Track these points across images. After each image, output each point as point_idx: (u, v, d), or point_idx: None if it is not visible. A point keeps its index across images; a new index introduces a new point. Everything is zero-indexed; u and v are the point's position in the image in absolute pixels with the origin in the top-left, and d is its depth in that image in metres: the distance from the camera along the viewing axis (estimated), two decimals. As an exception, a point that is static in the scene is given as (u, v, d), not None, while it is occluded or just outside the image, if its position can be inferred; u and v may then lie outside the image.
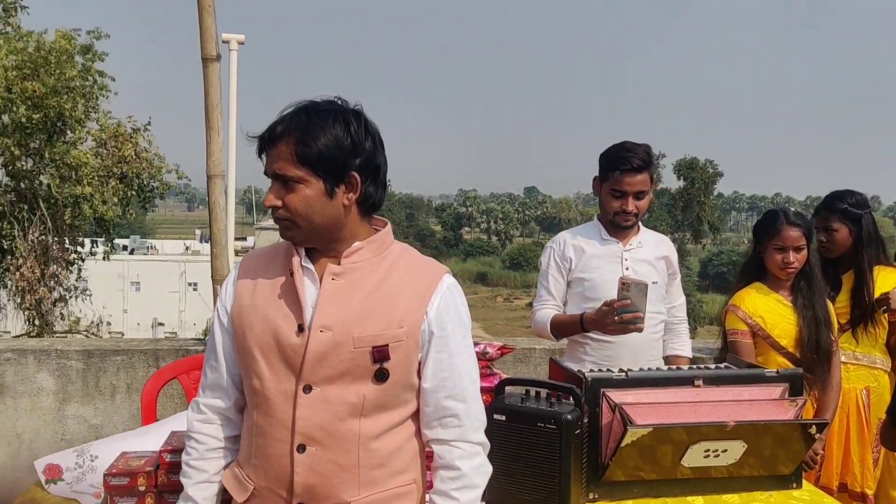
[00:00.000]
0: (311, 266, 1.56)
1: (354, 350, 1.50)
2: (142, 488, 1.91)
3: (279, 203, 1.51)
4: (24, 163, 14.75)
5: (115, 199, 14.60)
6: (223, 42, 3.20)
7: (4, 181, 15.03)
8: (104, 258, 16.89)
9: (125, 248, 38.80)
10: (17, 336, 14.26)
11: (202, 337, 3.57)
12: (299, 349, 1.50)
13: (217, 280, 3.33)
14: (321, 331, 1.50)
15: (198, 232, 52.57)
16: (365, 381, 1.51)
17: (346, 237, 1.56)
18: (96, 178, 14.20)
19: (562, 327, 2.84)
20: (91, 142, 15.02)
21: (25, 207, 14.71)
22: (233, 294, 1.62)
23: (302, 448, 1.51)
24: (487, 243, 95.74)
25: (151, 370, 3.33)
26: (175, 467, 1.91)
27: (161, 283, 35.96)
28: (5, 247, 15.13)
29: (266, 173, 1.52)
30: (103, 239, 16.56)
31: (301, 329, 1.51)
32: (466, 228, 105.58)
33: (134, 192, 14.96)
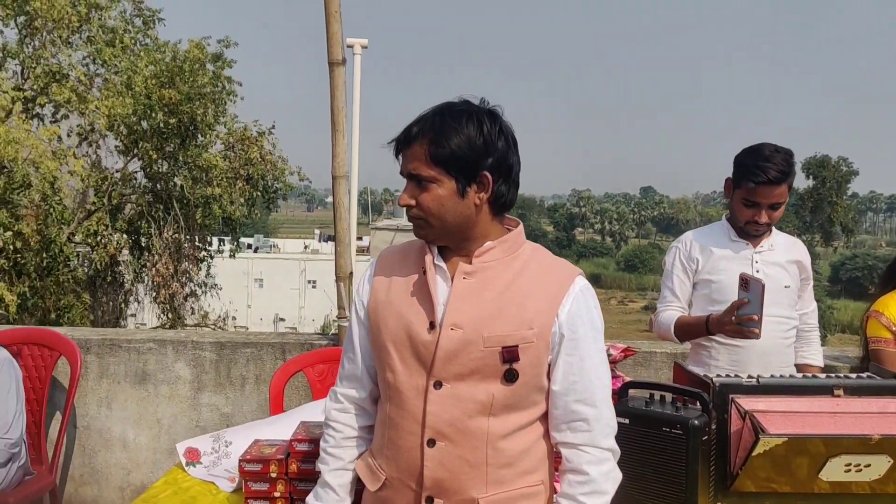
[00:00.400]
0: (443, 264, 1.58)
1: (484, 349, 1.50)
2: (273, 475, 1.99)
3: (413, 202, 1.54)
4: (160, 166, 15.76)
5: (242, 200, 15.36)
6: (347, 46, 3.29)
7: (143, 183, 16.11)
8: (231, 256, 17.77)
9: (249, 246, 40.74)
10: (154, 328, 15.23)
11: (325, 332, 3.69)
12: (430, 346, 1.53)
13: (340, 277, 3.44)
14: (452, 329, 1.52)
15: (317, 231, 54.51)
16: (494, 380, 1.52)
17: (478, 236, 1.57)
18: (225, 180, 14.98)
19: (686, 329, 2.74)
20: (220, 145, 15.86)
21: (161, 207, 15.70)
22: (369, 290, 1.67)
23: (432, 442, 1.53)
24: (601, 244, 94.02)
25: (278, 363, 3.47)
26: (304, 456, 1.99)
27: (282, 281, 37.54)
28: (143, 244, 16.23)
29: (402, 173, 1.56)
30: (230, 238, 17.41)
31: (432, 326, 1.53)
32: (580, 229, 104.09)
33: (259, 193, 15.67)
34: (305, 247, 45.61)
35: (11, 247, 13.29)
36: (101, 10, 14.66)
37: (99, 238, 15.24)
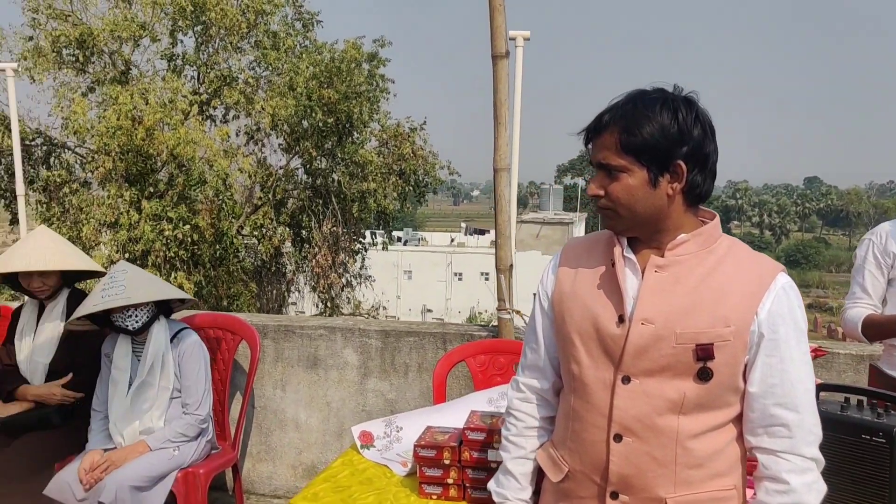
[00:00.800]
0: (632, 257, 1.54)
1: (676, 346, 1.45)
2: (446, 461, 2.04)
3: (601, 192, 1.51)
4: (319, 162, 16.54)
5: (395, 194, 15.84)
6: (510, 39, 3.29)
7: (304, 179, 16.99)
8: (384, 248, 18.36)
9: (399, 239, 42.02)
10: (314, 315, 16.03)
11: (486, 324, 3.72)
12: (619, 340, 1.49)
13: (501, 269, 3.45)
14: (642, 323, 1.47)
15: (463, 225, 55.30)
16: (686, 378, 1.46)
17: (670, 228, 1.51)
18: (379, 175, 15.51)
19: (877, 329, 2.52)
20: (374, 141, 16.43)
21: (320, 202, 16.48)
22: (553, 280, 1.66)
23: (618, 438, 1.50)
24: (759, 238, 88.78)
25: (440, 352, 3.54)
26: (476, 444, 2.02)
27: (430, 273, 38.41)
28: (304, 237, 17.12)
29: (591, 162, 1.53)
30: (383, 231, 17.99)
31: (622, 320, 1.50)
32: (736, 222, 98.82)
33: (411, 187, 16.09)
34: (452, 240, 46.39)
35: (189, 239, 14.44)
36: (267, 15, 15.56)
37: (264, 231, 16.25)
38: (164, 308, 3.22)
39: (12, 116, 4.01)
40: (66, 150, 15.22)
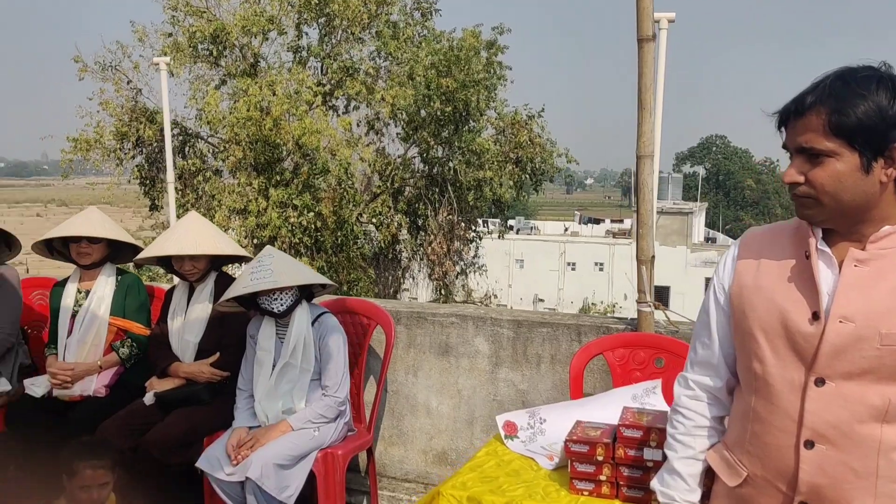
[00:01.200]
0: (827, 249, 1.42)
1: (881, 347, 1.33)
2: (599, 458, 1.98)
3: (801, 179, 1.39)
4: (436, 151, 16.68)
5: (511, 183, 15.76)
6: (653, 21, 3.15)
7: (420, 168, 17.19)
8: (499, 237, 18.34)
9: (511, 227, 41.90)
10: (432, 301, 16.24)
11: (623, 316, 3.61)
12: (812, 339, 1.39)
13: (642, 260, 3.34)
14: (840, 321, 1.36)
15: (577, 214, 54.51)
16: (891, 382, 1.34)
17: (876, 219, 1.38)
18: (495, 163, 15.47)
19: None
20: (491, 129, 16.40)
21: (437, 190, 16.64)
22: (731, 272, 1.56)
23: (810, 444, 1.40)
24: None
25: (573, 344, 3.47)
26: (633, 442, 1.95)
27: (542, 262, 38.09)
28: (419, 224, 17.34)
29: (786, 147, 1.42)
30: (499, 219, 17.96)
31: (816, 317, 1.39)
32: None
33: (527, 176, 15.97)
34: (566, 229, 45.82)
35: (312, 226, 14.93)
36: (387, 5, 15.80)
37: (382, 218, 16.58)
38: (306, 292, 3.32)
39: (164, 107, 4.24)
40: (199, 140, 16.06)
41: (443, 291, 17.24)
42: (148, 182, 15.68)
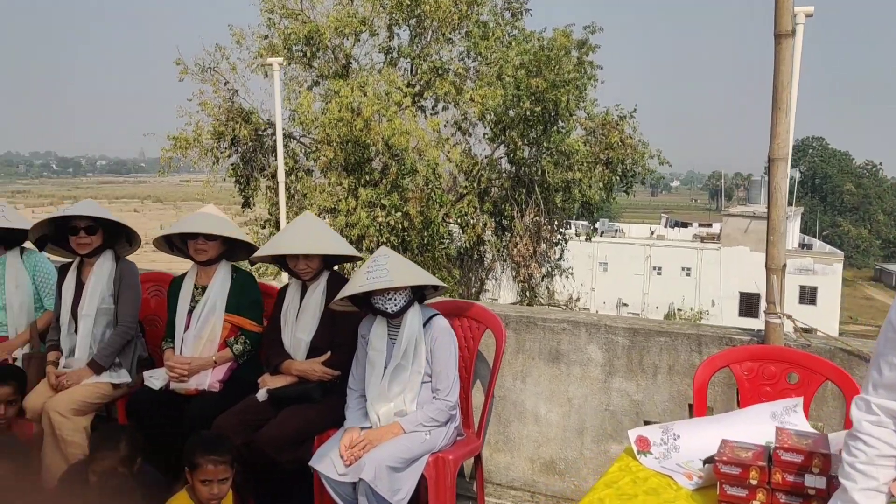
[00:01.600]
0: None
1: None
2: (753, 482, 1.85)
3: None
4: (523, 151, 16.55)
5: (601, 184, 15.47)
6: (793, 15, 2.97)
7: (507, 168, 17.09)
8: (587, 239, 18.06)
9: (595, 230, 41.15)
10: (514, 304, 16.13)
11: (748, 328, 3.43)
12: None
13: (772, 269, 3.16)
14: None
15: (663, 217, 53.19)
16: None
17: None
18: (585, 164, 15.21)
19: None
20: (580, 130, 16.14)
21: (523, 191, 16.49)
22: None
23: None
24: None
25: (693, 355, 3.32)
26: (791, 467, 1.82)
27: (627, 266, 37.32)
28: (505, 225, 17.24)
29: None
30: (586, 222, 17.68)
31: None
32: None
33: (617, 178, 15.64)
34: (652, 232, 44.74)
35: (400, 226, 15.05)
36: (477, 5, 15.77)
37: (468, 219, 16.55)
38: (419, 294, 3.29)
39: (276, 106, 4.31)
40: (292, 140, 16.42)
41: (527, 294, 17.09)
42: (242, 180, 16.13)
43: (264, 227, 16.62)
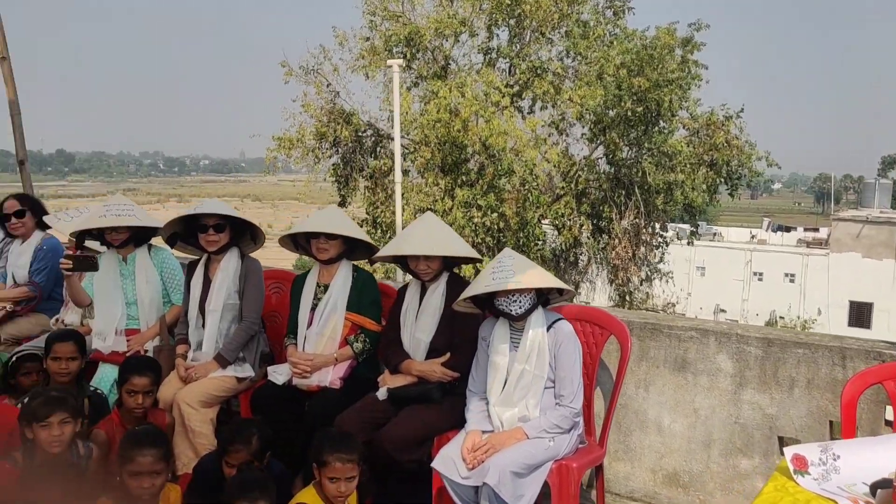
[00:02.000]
0: None
1: None
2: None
3: None
4: (622, 152, 16.20)
5: (704, 186, 14.98)
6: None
7: (605, 169, 16.77)
8: (687, 243, 17.55)
9: (693, 233, 39.90)
10: (611, 305, 15.83)
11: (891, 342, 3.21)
12: None
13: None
14: None
15: (765, 220, 51.03)
16: None
17: None
18: (688, 166, 14.76)
19: None
20: (683, 130, 15.67)
21: (622, 193, 16.15)
22: None
23: None
24: None
25: (836, 369, 3.13)
26: None
27: (725, 270, 35.98)
28: (602, 227, 16.92)
29: None
30: (688, 224, 17.18)
31: None
32: None
33: (721, 180, 15.10)
34: (752, 236, 42.98)
35: (495, 226, 15.00)
36: (578, 4, 15.55)
37: (564, 220, 16.34)
38: (542, 298, 3.22)
39: (395, 107, 4.34)
40: (390, 141, 16.62)
41: (625, 298, 16.73)
42: (342, 180, 16.45)
43: (361, 226, 16.93)
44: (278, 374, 3.71)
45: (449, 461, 3.09)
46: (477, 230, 14.91)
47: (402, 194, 15.57)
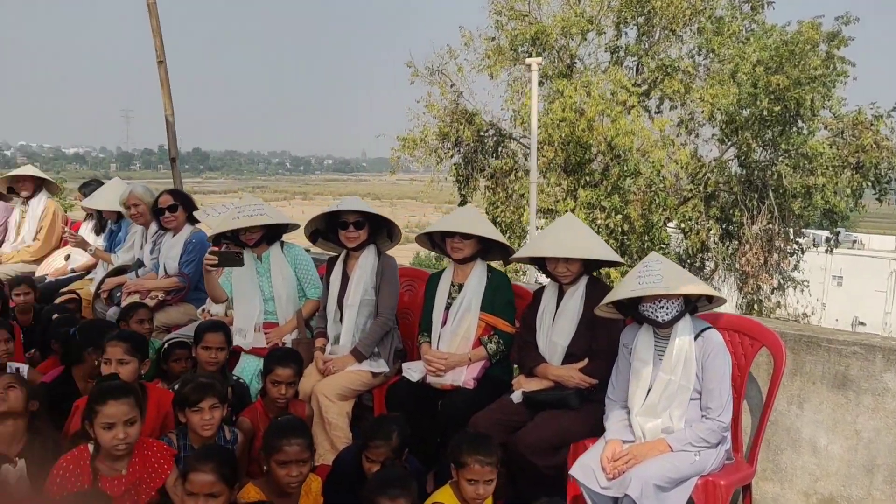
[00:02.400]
0: None
1: None
2: None
3: None
4: (757, 154, 15.39)
5: (848, 191, 14.00)
6: None
7: (737, 171, 16.00)
8: (827, 251, 16.51)
9: (828, 240, 37.47)
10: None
11: None
12: None
13: None
14: None
15: (912, 228, 47.18)
16: None
17: None
18: (830, 168, 13.85)
19: None
20: (825, 131, 14.72)
21: (755, 196, 15.35)
22: None
23: None
24: None
25: None
26: None
27: (866, 281, 33.56)
28: (732, 232, 16.16)
29: None
30: (828, 231, 16.16)
31: None
32: None
33: (869, 183, 14.07)
34: (898, 245, 39.82)
35: (619, 229, 14.63)
36: (712, 0, 14.93)
37: (692, 224, 15.71)
38: (690, 305, 3.07)
39: (532, 107, 4.28)
40: (512, 141, 16.55)
41: (755, 307, 15.90)
42: (462, 179, 16.53)
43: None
44: (413, 370, 3.74)
45: (588, 470, 3.00)
46: (600, 232, 14.58)
47: (522, 194, 15.47)
